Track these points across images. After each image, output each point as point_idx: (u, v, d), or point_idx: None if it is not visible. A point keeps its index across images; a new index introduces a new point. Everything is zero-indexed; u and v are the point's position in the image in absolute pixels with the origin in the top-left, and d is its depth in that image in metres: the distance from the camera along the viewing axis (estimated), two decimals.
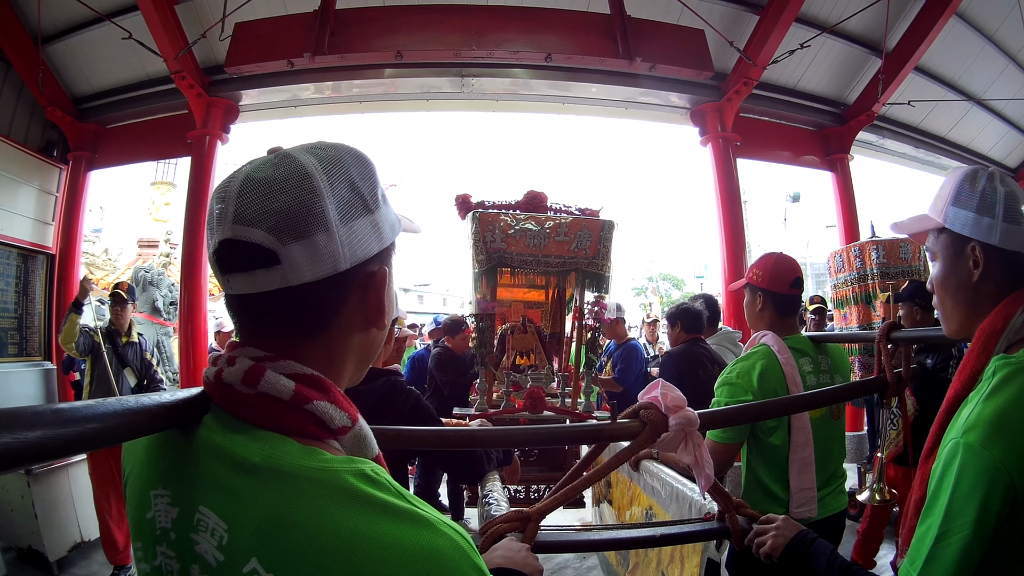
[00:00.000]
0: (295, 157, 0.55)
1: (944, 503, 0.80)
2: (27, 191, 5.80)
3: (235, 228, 0.53)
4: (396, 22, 4.59)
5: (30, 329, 5.84)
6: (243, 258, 0.53)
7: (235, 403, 0.54)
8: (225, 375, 0.54)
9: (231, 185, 0.54)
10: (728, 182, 5.73)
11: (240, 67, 4.83)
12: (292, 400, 0.53)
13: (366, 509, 0.46)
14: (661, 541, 1.40)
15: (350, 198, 0.56)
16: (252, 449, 0.50)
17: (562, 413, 4.09)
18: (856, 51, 6.20)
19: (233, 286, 0.55)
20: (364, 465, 0.50)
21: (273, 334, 0.57)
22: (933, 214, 1.02)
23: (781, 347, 1.91)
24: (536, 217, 4.24)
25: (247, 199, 0.53)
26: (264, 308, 0.56)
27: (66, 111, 5.83)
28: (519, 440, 1.97)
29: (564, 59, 4.77)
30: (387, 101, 5.59)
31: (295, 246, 0.53)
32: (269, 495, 0.47)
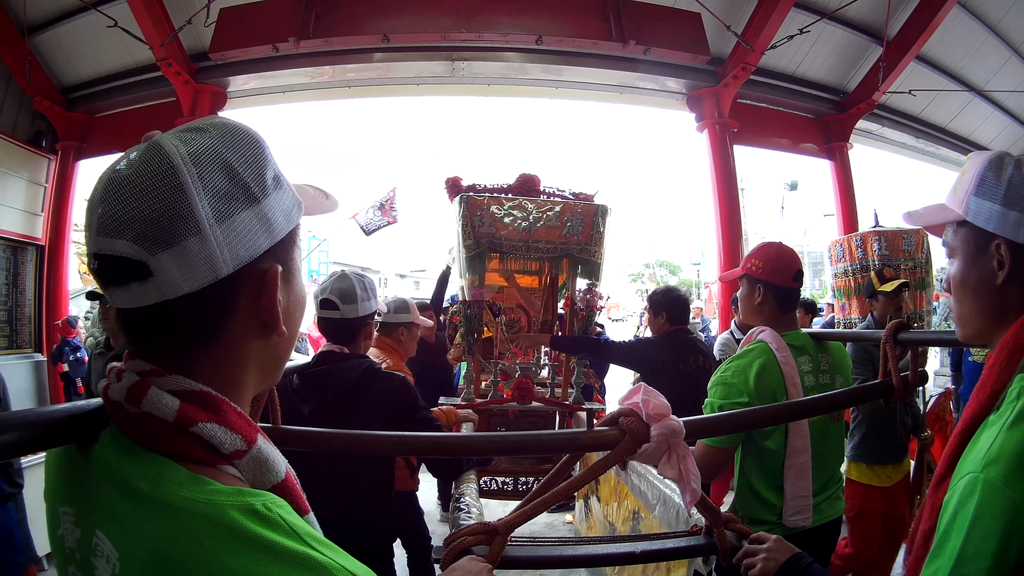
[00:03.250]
0: (161, 147, 0.47)
1: (957, 545, 0.71)
2: (16, 182, 5.76)
3: (99, 240, 0.46)
4: (383, 5, 4.51)
5: (20, 321, 5.80)
6: (115, 272, 0.47)
7: (123, 422, 0.49)
8: (111, 391, 0.50)
9: (96, 187, 0.48)
10: (725, 169, 5.64)
11: (225, 53, 4.77)
12: (176, 420, 0.48)
13: (251, 551, 0.42)
14: (640, 558, 1.27)
15: (227, 190, 0.49)
16: (139, 474, 0.46)
17: (551, 404, 3.99)
18: (857, 38, 6.11)
19: (115, 300, 0.49)
20: (255, 499, 0.45)
21: (161, 347, 0.51)
22: (952, 204, 0.89)
23: (780, 344, 1.78)
24: (525, 200, 4.16)
25: (109, 205, 0.46)
26: (147, 322, 0.49)
27: (54, 101, 5.80)
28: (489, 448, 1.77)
29: (555, 42, 4.68)
30: (377, 86, 5.50)
31: (164, 256, 0.46)
32: (154, 527, 0.43)
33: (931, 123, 7.12)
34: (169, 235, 0.46)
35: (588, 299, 4.39)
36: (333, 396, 1.74)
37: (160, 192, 0.46)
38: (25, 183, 5.84)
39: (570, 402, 4.07)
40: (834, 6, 5.55)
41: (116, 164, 0.48)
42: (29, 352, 5.85)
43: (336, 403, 1.74)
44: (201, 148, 0.48)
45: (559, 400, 4.09)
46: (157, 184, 0.46)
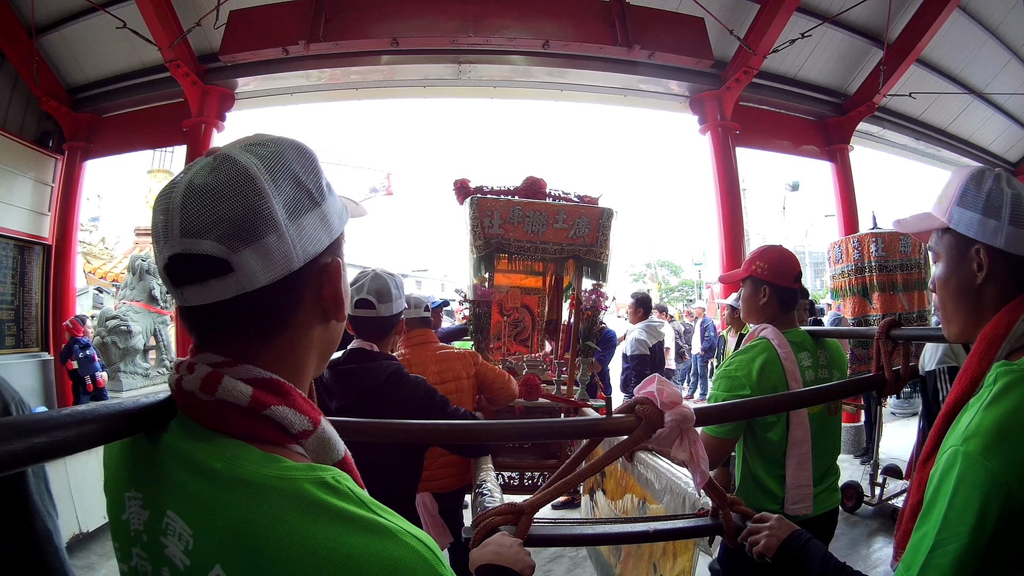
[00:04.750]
0: (235, 159, 0.53)
1: (941, 511, 0.80)
2: (23, 182, 5.79)
3: (184, 242, 0.51)
4: (392, 8, 4.54)
5: (27, 320, 5.83)
6: (195, 270, 0.52)
7: (196, 410, 0.54)
8: (184, 383, 0.54)
9: (173, 196, 0.52)
10: (727, 170, 5.70)
11: (235, 55, 4.79)
12: (250, 406, 0.53)
13: (325, 519, 0.46)
14: (654, 536, 1.36)
15: (296, 194, 0.55)
16: (213, 455, 0.50)
17: (558, 401, 4.07)
18: (857, 41, 6.16)
19: (188, 298, 0.54)
20: (325, 473, 0.49)
21: (231, 339, 0.56)
22: (938, 213, 0.99)
23: (781, 341, 1.88)
24: (534, 203, 4.21)
25: (192, 210, 0.51)
26: (221, 316, 0.55)
27: (61, 101, 5.81)
28: (514, 434, 2.02)
29: (562, 46, 4.72)
30: (384, 88, 5.53)
31: (246, 252, 0.52)
32: (230, 503, 0.47)
33: (931, 125, 7.17)
34: (251, 233, 0.51)
35: (594, 299, 4.47)
36: (360, 394, 1.79)
37: (242, 196, 0.52)
38: (32, 183, 5.86)
39: (575, 399, 4.16)
40: (836, 10, 5.61)
41: (190, 176, 0.53)
42: (36, 351, 5.87)
43: (363, 401, 1.79)
44: (270, 159, 0.54)
45: (565, 397, 4.17)
46: (238, 189, 0.52)
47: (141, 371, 6.22)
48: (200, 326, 0.57)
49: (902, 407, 7.22)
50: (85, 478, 4.27)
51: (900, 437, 6.10)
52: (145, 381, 6.21)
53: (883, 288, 5.26)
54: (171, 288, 0.55)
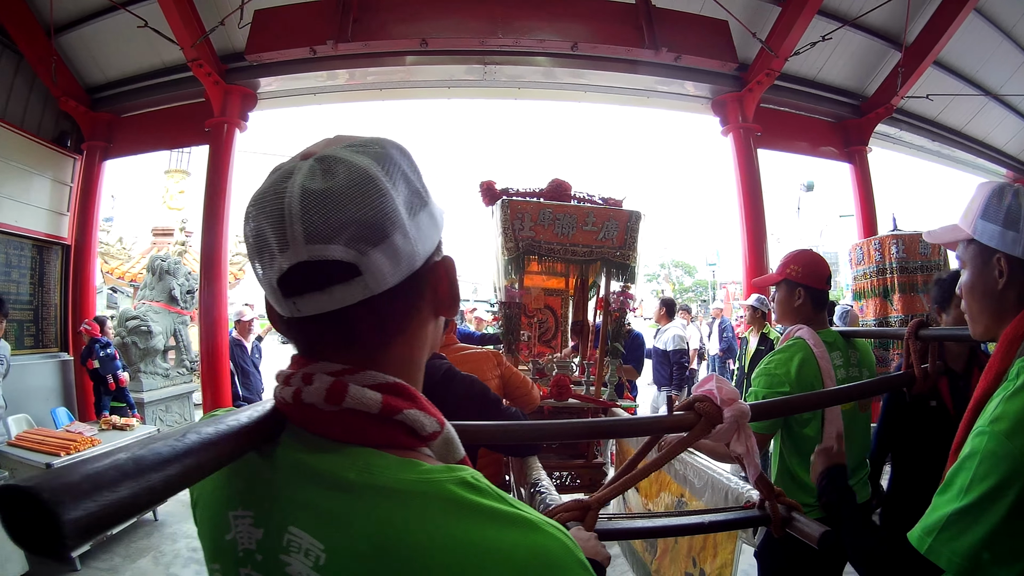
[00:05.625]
0: (350, 160, 0.51)
1: (964, 481, 0.90)
2: (41, 182, 5.76)
3: (310, 248, 0.49)
4: (420, 9, 4.53)
5: (46, 320, 5.81)
6: (317, 278, 0.50)
7: (317, 421, 0.52)
8: (305, 395, 0.52)
9: (286, 202, 0.49)
10: (749, 172, 5.71)
11: (260, 55, 4.77)
12: (381, 412, 0.51)
13: (474, 518, 0.46)
14: (709, 528, 1.45)
15: (409, 193, 0.54)
16: (344, 466, 0.49)
17: (587, 401, 4.10)
18: (876, 44, 6.18)
19: (303, 308, 0.51)
20: (463, 472, 0.49)
21: (350, 345, 0.54)
22: (963, 225, 1.10)
23: (816, 341, 1.97)
24: (564, 206, 4.22)
25: (315, 214, 0.49)
26: (340, 322, 0.52)
27: (79, 101, 5.78)
28: (584, 433, 2.13)
29: (590, 48, 4.72)
30: (408, 88, 5.51)
31: (375, 253, 0.50)
32: (370, 513, 0.46)
33: (947, 126, 7.20)
34: (380, 234, 0.50)
35: (622, 300, 4.49)
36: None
37: (367, 197, 0.50)
38: (50, 182, 5.83)
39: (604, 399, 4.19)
40: (855, 13, 5.63)
41: (299, 180, 0.50)
42: (55, 351, 5.85)
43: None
44: (382, 159, 0.53)
45: (594, 397, 4.19)
46: (363, 190, 0.50)
47: (161, 371, 6.20)
48: (314, 335, 0.54)
49: None
50: None
51: None
52: (165, 381, 6.19)
53: (904, 289, 5.30)
54: (280, 300, 0.52)
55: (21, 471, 3.88)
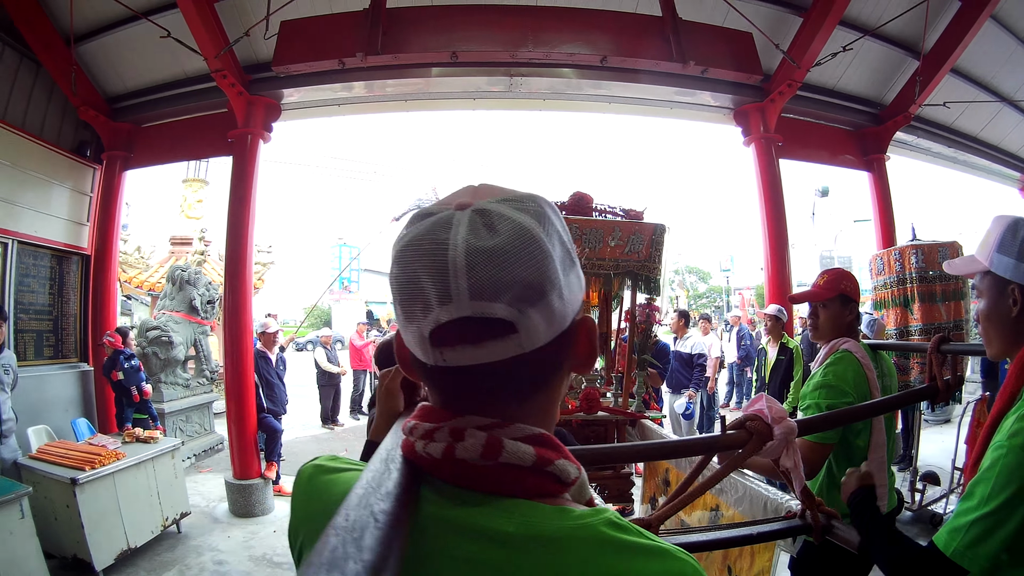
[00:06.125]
0: (512, 218, 0.52)
1: (986, 488, 1.02)
2: (60, 192, 5.73)
3: (475, 305, 0.50)
4: (450, 22, 4.51)
5: (65, 331, 5.78)
6: (475, 332, 0.51)
7: (468, 476, 0.53)
8: (459, 452, 0.52)
9: (450, 256, 0.50)
10: (771, 182, 5.72)
11: (288, 66, 4.74)
12: (534, 465, 0.53)
13: (624, 554, 0.49)
14: (759, 538, 1.56)
15: (562, 253, 0.55)
16: (502, 519, 0.51)
17: (616, 414, 4.13)
18: (893, 52, 6.19)
19: (450, 359, 0.52)
20: (607, 513, 0.52)
21: (497, 399, 0.55)
22: (980, 257, 1.21)
23: (862, 353, 2.09)
24: (591, 221, 4.22)
25: (482, 272, 0.49)
26: (488, 376, 0.53)
27: (99, 111, 5.74)
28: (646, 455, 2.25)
29: (619, 61, 4.71)
30: (433, 100, 5.49)
31: (533, 312, 0.51)
32: (531, 562, 0.48)
33: (963, 132, 7.23)
34: (539, 294, 0.51)
35: (648, 313, 4.51)
36: None
37: (532, 258, 0.51)
38: (69, 192, 5.80)
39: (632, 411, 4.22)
40: (875, 23, 5.65)
41: (461, 234, 0.50)
42: (75, 362, 5.82)
43: None
44: (540, 217, 0.54)
45: (621, 409, 4.22)
46: (528, 251, 0.51)
47: (182, 382, 6.20)
48: (459, 386, 0.55)
49: (935, 415, 7.32)
50: (134, 494, 4.26)
51: (934, 444, 6.19)
52: (185, 392, 6.19)
53: (923, 299, 5.34)
54: (428, 348, 0.52)
55: (44, 486, 3.86)
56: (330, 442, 8.43)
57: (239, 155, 5.33)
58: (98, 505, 3.94)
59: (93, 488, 3.93)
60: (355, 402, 10.30)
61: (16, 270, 5.28)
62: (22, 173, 5.31)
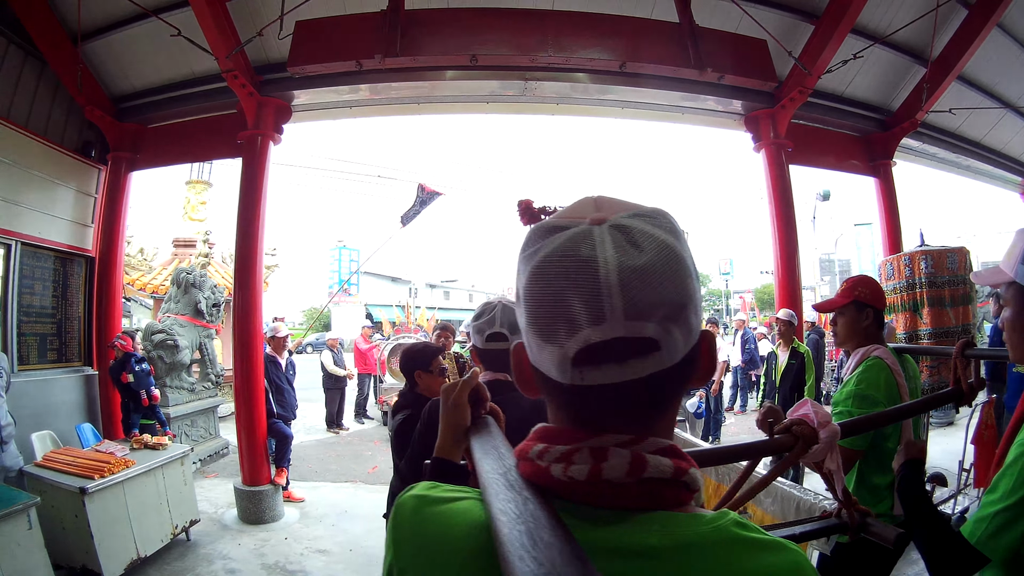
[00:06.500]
0: (652, 235, 0.53)
1: (1008, 484, 1.08)
2: (64, 192, 5.63)
3: (628, 325, 0.50)
4: (469, 25, 4.46)
5: (69, 334, 5.67)
6: (621, 351, 0.51)
7: (606, 495, 0.53)
8: (606, 472, 0.52)
9: (601, 274, 0.50)
10: (782, 188, 5.74)
11: (304, 67, 4.67)
12: (672, 476, 0.54)
13: (756, 551, 0.52)
14: (801, 538, 1.59)
15: (693, 267, 0.56)
16: (645, 534, 0.51)
17: None
18: (901, 59, 6.24)
19: (589, 377, 0.52)
20: (730, 514, 0.55)
21: (629, 415, 0.56)
22: (1006, 268, 1.26)
23: (892, 359, 2.12)
24: None
25: (636, 292, 0.50)
26: (626, 393, 0.53)
27: (105, 111, 5.63)
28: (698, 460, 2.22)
29: (638, 67, 4.70)
30: (446, 103, 5.43)
31: (675, 330, 0.52)
32: (680, 570, 0.50)
33: (967, 138, 7.31)
34: (682, 312, 0.52)
35: None
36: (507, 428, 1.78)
37: (677, 276, 0.52)
38: (74, 193, 5.70)
39: None
40: (884, 31, 5.69)
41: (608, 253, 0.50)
42: (79, 366, 5.72)
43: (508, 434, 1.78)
44: (679, 235, 0.55)
45: None
46: (675, 271, 0.52)
47: (187, 386, 6.11)
48: (595, 404, 0.55)
49: (938, 417, 7.38)
50: (144, 502, 4.19)
51: (937, 446, 6.25)
52: (191, 396, 6.09)
53: (933, 303, 5.39)
54: (567, 367, 0.52)
55: (52, 495, 3.76)
56: (336, 446, 8.35)
57: (249, 157, 5.25)
58: (107, 514, 3.86)
59: (102, 497, 3.85)
60: (359, 406, 10.22)
61: (19, 272, 5.18)
62: (26, 173, 5.21)
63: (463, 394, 1.00)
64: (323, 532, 4.99)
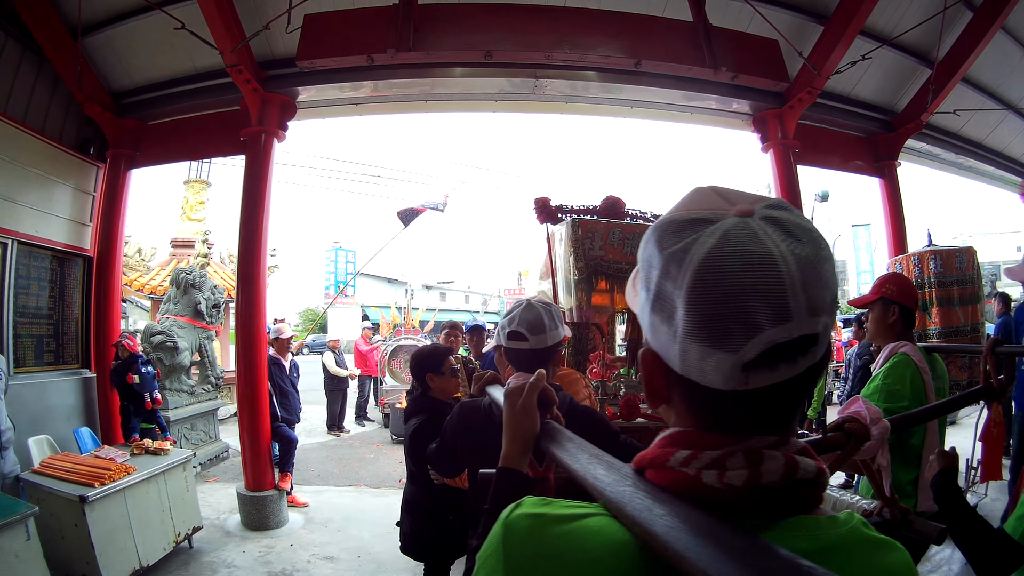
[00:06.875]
0: (803, 225, 0.51)
1: None
2: (62, 190, 5.48)
3: (811, 321, 0.48)
4: (485, 20, 4.38)
5: (67, 335, 5.52)
6: (793, 351, 0.48)
7: (760, 500, 0.51)
8: (765, 477, 0.50)
9: (784, 271, 0.47)
10: (790, 188, 5.73)
11: (313, 61, 4.56)
12: (815, 477, 0.53)
13: (881, 550, 0.54)
14: None
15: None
16: (795, 539, 0.50)
17: (655, 420, 4.09)
18: (907, 60, 6.26)
19: (755, 380, 0.48)
20: (857, 515, 0.56)
21: (775, 415, 0.54)
22: None
23: (919, 356, 2.13)
24: (633, 226, 4.17)
25: (813, 287, 0.48)
26: (780, 394, 0.51)
27: (105, 107, 5.49)
28: None
29: (653, 66, 4.65)
30: (454, 101, 5.34)
31: (830, 323, 0.51)
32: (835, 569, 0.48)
33: (970, 139, 7.36)
34: (836, 301, 0.51)
35: None
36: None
37: (833, 265, 0.51)
38: (72, 191, 5.55)
39: None
40: (891, 32, 5.71)
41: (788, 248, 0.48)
42: (76, 368, 5.56)
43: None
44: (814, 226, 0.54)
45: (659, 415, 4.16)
46: (830, 258, 0.51)
47: (187, 388, 5.96)
48: (754, 406, 0.52)
49: None
50: (146, 509, 4.07)
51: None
52: (190, 399, 5.95)
53: (941, 303, 5.43)
54: (735, 372, 0.48)
55: (50, 503, 3.62)
56: (338, 449, 8.22)
57: (252, 154, 5.14)
58: (108, 523, 3.73)
59: (103, 505, 3.72)
60: (360, 408, 10.09)
61: (16, 271, 5.03)
62: (23, 170, 5.06)
63: (532, 398, 0.93)
64: (329, 538, 4.88)
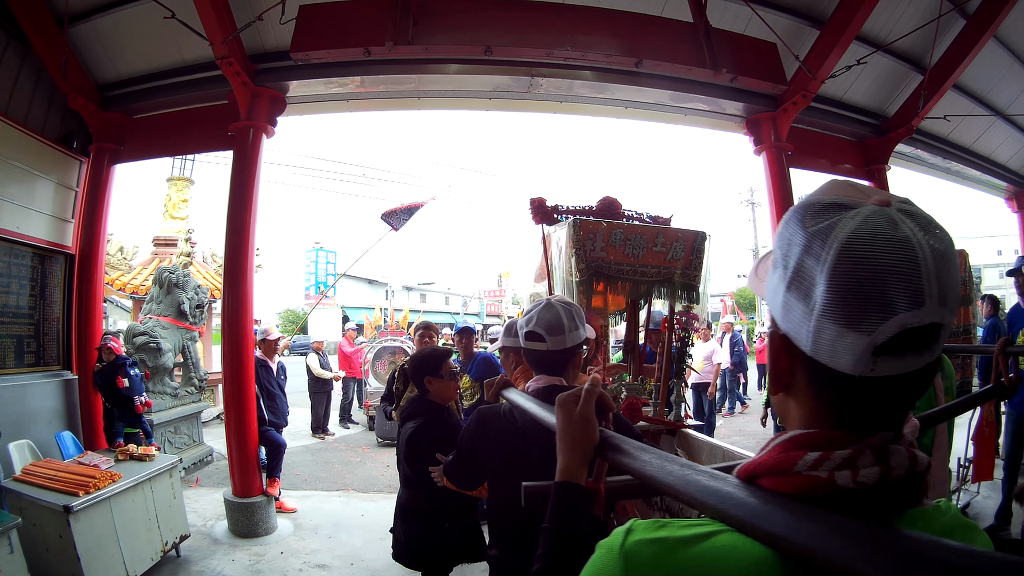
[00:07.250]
0: (936, 222, 0.52)
1: None
2: (44, 185, 5.30)
3: (940, 311, 0.49)
4: (486, 16, 4.29)
5: (48, 336, 5.33)
6: (921, 340, 0.49)
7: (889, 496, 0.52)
8: (896, 472, 0.52)
9: (920, 257, 0.48)
10: (782, 191, 5.73)
11: (308, 53, 4.43)
12: (925, 471, 0.54)
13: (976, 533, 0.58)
14: None
15: None
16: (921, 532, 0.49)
17: (657, 423, 4.07)
18: (899, 66, 6.31)
19: (881, 368, 0.50)
20: (952, 503, 0.57)
21: (893, 409, 0.55)
22: None
23: None
24: (635, 227, 4.13)
25: (946, 277, 0.49)
26: (901, 386, 0.52)
27: (89, 99, 5.31)
28: None
29: (653, 66, 4.61)
30: (447, 98, 5.25)
31: (952, 318, 0.52)
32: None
33: (958, 144, 7.44)
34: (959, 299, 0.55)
35: (685, 321, 4.44)
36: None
37: (958, 263, 0.52)
38: (54, 186, 5.37)
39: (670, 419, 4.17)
40: (885, 38, 5.75)
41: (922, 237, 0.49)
42: (58, 370, 5.37)
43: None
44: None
45: (661, 418, 4.16)
46: (956, 256, 0.51)
47: (170, 390, 5.79)
48: (878, 397, 0.53)
49: None
50: (132, 518, 3.93)
51: None
52: (174, 401, 5.78)
53: None
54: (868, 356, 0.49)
55: (33, 513, 3.45)
56: (324, 452, 8.07)
57: (240, 150, 5.01)
58: (94, 534, 3.58)
59: (88, 515, 3.57)
60: (344, 410, 9.94)
61: None
62: (3, 163, 4.85)
63: (590, 405, 0.87)
64: (319, 545, 4.77)
